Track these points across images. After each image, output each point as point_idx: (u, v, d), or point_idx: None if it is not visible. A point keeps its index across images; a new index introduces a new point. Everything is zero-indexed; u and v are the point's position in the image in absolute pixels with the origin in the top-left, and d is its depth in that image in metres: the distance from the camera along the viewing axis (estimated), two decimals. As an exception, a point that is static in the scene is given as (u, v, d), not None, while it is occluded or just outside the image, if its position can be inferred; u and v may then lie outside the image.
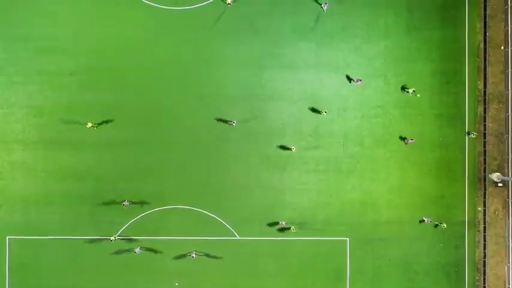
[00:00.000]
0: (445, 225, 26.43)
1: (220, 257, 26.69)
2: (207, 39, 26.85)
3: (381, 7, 27.10)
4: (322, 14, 26.90)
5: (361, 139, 26.97)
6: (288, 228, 26.43)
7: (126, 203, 26.24)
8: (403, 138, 26.73)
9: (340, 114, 26.93)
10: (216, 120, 26.71)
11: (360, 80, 26.43)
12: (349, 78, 26.71)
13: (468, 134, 26.78)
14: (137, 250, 26.16)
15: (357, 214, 26.83)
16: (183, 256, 26.61)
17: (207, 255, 26.63)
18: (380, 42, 27.08)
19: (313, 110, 26.75)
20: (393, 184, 26.89)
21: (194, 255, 26.12)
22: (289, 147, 26.62)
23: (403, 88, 26.64)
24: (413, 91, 26.27)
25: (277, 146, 26.83)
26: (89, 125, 26.09)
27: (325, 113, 26.40)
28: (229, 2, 26.31)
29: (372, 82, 27.02)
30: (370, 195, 26.83)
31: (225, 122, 26.61)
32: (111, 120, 26.66)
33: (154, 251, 26.69)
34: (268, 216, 26.77)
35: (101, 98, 26.73)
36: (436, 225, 26.65)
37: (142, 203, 26.65)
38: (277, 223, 26.63)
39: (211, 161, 26.85)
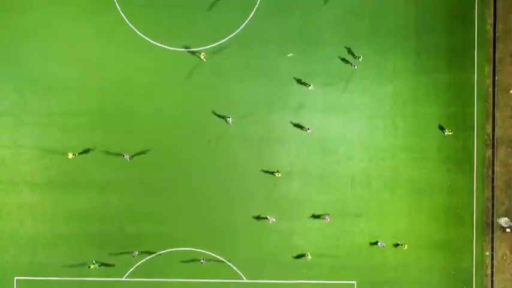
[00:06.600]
0: (406, 247, 26.21)
1: (227, 299, 26.76)
2: (214, 81, 26.89)
3: (390, 49, 27.07)
4: (332, 57, 27.01)
5: (368, 182, 26.93)
6: (304, 255, 26.41)
7: (136, 253, 26.51)
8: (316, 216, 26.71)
9: (348, 156, 26.95)
10: (224, 162, 26.87)
11: (309, 129, 26.39)
12: (300, 127, 26.73)
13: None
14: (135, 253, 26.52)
15: (365, 257, 26.77)
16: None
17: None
18: (388, 85, 27.07)
19: (299, 81, 26.73)
20: (401, 228, 26.82)
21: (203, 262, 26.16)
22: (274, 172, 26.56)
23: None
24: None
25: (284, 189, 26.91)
26: (70, 155, 26.06)
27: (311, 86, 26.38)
28: (203, 56, 26.34)
29: (379, 124, 27.02)
30: (377, 239, 26.75)
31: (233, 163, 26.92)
32: (120, 162, 26.67)
33: (162, 293, 26.78)
34: (275, 259, 26.75)
35: (109, 139, 26.81)
36: (396, 245, 26.46)
37: (148, 244, 26.77)
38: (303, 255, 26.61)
39: (218, 203, 26.89)
